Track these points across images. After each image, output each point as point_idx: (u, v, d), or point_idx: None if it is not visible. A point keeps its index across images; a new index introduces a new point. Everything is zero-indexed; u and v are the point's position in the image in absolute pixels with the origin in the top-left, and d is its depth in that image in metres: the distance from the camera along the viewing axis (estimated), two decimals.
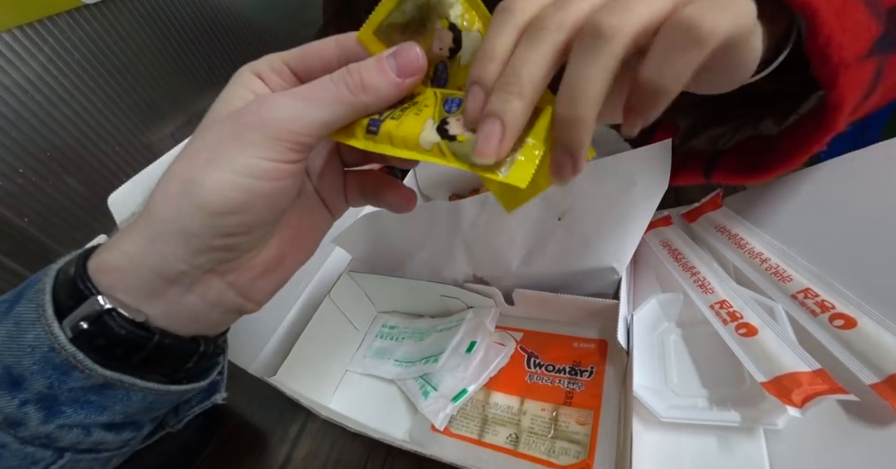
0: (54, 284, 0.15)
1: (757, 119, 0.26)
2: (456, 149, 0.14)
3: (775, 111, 0.25)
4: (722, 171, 0.28)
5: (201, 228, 0.15)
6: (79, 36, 0.45)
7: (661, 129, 0.31)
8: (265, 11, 0.68)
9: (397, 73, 0.16)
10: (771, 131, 0.25)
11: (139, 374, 0.16)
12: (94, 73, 0.46)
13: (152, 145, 0.52)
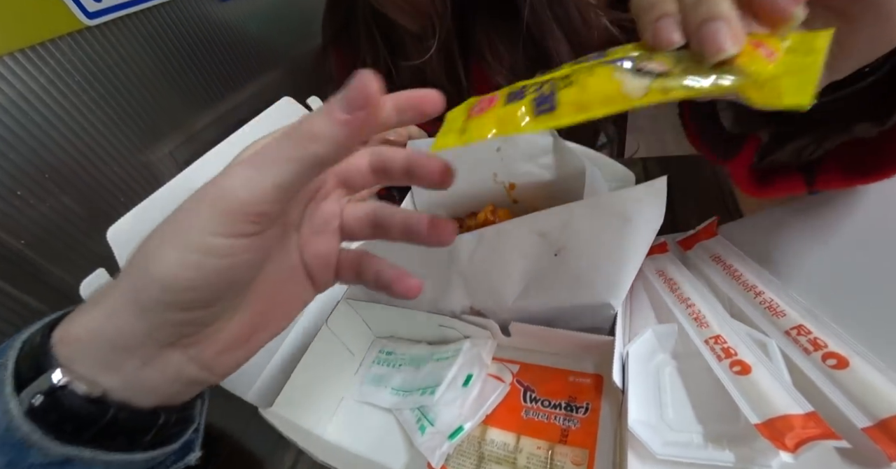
0: (19, 355, 0.15)
1: (844, 127, 0.24)
2: (677, 79, 0.14)
3: (870, 114, 0.23)
4: (826, 178, 0.26)
5: (156, 303, 0.14)
6: (79, 57, 0.45)
7: (747, 144, 0.29)
8: (265, 27, 0.68)
9: (345, 110, 0.14)
10: (870, 133, 0.23)
11: (100, 446, 0.15)
12: (94, 94, 0.46)
13: (151, 165, 0.52)
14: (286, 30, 0.73)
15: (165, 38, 0.54)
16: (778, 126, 0.26)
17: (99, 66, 0.47)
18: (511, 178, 0.41)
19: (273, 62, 0.70)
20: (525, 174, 0.40)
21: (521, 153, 0.39)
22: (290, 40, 0.73)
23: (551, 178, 0.39)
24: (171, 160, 0.54)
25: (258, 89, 0.67)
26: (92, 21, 0.46)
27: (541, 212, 0.27)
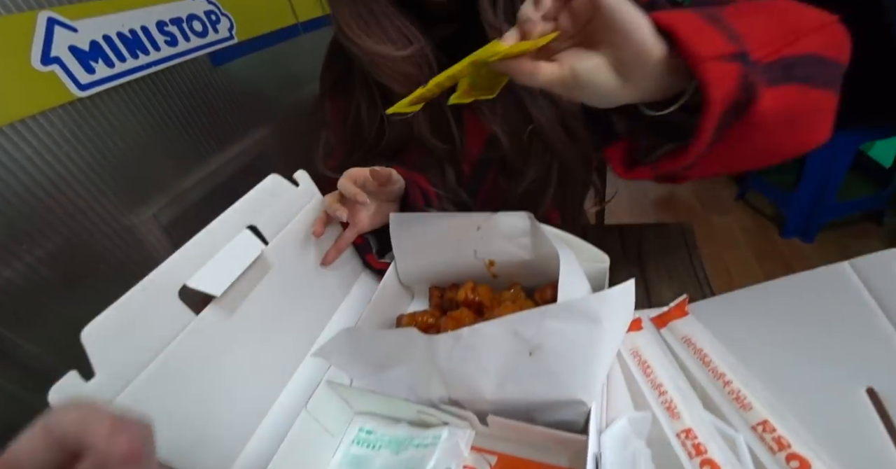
0: None
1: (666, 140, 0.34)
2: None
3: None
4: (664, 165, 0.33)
5: None
6: (69, 128, 0.46)
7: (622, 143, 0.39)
8: (255, 86, 0.71)
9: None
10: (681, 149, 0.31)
11: None
12: (81, 162, 0.47)
13: (133, 228, 0.52)
14: (275, 87, 0.75)
15: (156, 103, 0.55)
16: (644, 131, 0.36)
17: (87, 134, 0.47)
18: (490, 256, 0.42)
19: (260, 119, 0.72)
20: (504, 253, 0.41)
21: (500, 233, 0.40)
22: (277, 97, 0.76)
23: (529, 257, 0.41)
24: (155, 222, 0.54)
25: (245, 146, 0.68)
26: (83, 92, 0.47)
27: (516, 314, 0.28)
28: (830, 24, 0.32)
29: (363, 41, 0.43)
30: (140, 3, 0.52)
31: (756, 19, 0.31)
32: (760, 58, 0.28)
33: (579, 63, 0.28)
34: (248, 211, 0.39)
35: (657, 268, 0.48)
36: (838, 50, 0.33)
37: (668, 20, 0.27)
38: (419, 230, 0.43)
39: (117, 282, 0.52)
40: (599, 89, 0.28)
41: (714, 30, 0.27)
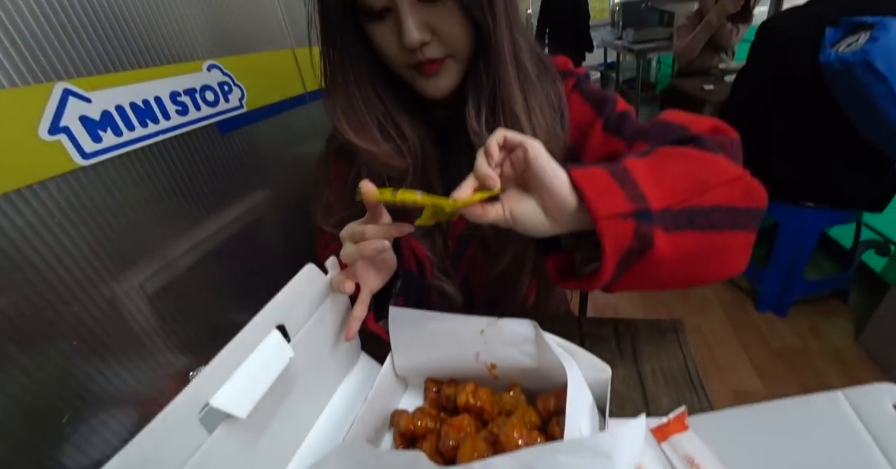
0: None
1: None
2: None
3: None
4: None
5: None
6: (65, 197, 0.44)
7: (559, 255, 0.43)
8: (258, 153, 0.71)
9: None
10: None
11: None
12: (73, 231, 0.45)
13: (117, 299, 0.49)
14: (277, 152, 0.76)
15: (158, 171, 0.54)
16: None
17: (83, 203, 0.46)
18: (493, 360, 0.41)
19: (259, 184, 0.72)
20: (507, 358, 0.41)
21: (504, 339, 0.40)
22: (279, 162, 0.76)
23: (532, 364, 0.40)
24: (140, 293, 0.51)
25: (241, 211, 0.67)
26: (86, 161, 0.46)
27: (529, 449, 0.27)
28: (740, 177, 0.37)
29: (350, 136, 0.47)
30: (158, 74, 0.53)
31: (668, 172, 0.36)
32: (666, 206, 0.34)
33: (516, 207, 0.36)
34: (283, 308, 0.38)
35: (653, 370, 0.48)
36: (750, 198, 0.37)
37: (580, 179, 0.34)
38: (420, 327, 0.43)
39: (93, 355, 0.49)
40: (532, 227, 0.36)
41: (618, 189, 0.34)
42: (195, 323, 0.59)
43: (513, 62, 0.44)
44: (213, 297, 0.63)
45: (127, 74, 0.50)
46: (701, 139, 0.40)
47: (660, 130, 0.45)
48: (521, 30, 0.46)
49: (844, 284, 1.50)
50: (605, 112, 0.50)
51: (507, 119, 0.46)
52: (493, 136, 0.35)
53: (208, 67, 0.61)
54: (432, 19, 0.41)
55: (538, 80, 0.48)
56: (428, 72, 0.45)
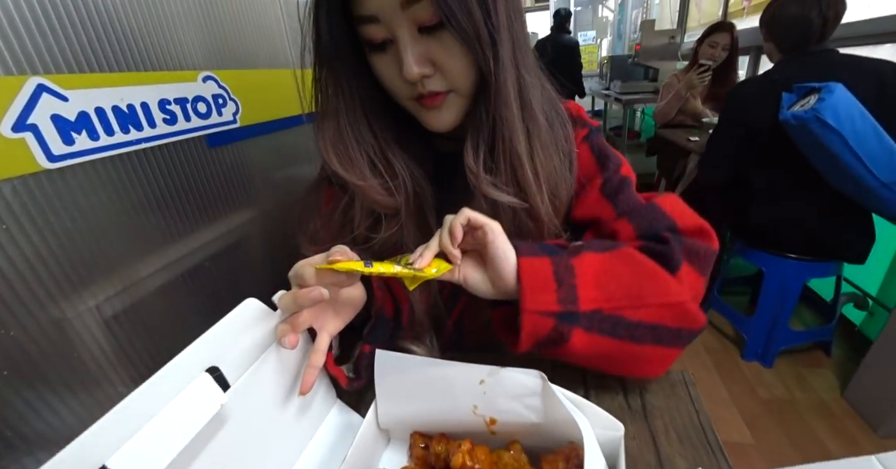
0: None
1: None
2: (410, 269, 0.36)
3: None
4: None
5: None
6: (20, 202, 0.39)
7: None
8: (243, 171, 0.67)
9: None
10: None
11: None
12: (23, 242, 0.40)
13: (63, 323, 0.43)
14: (266, 171, 0.72)
15: (135, 181, 0.50)
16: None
17: (41, 210, 0.41)
18: (493, 414, 0.37)
19: (243, 203, 0.68)
20: (508, 412, 0.36)
21: (507, 390, 0.36)
22: (266, 182, 0.72)
23: (537, 420, 0.35)
24: (94, 316, 0.45)
25: (221, 231, 0.63)
26: (52, 164, 0.41)
27: None
28: (678, 304, 0.40)
29: (338, 168, 0.45)
30: (148, 80, 0.50)
31: (614, 278, 0.39)
32: (597, 308, 0.38)
33: (468, 274, 0.40)
34: (215, 347, 0.33)
35: (665, 427, 0.44)
36: (683, 321, 0.40)
37: (523, 269, 0.38)
38: (409, 373, 0.38)
39: (27, 388, 0.42)
40: (479, 291, 0.41)
41: (553, 289, 0.38)
42: (157, 353, 0.53)
43: (517, 101, 0.43)
44: (182, 324, 0.56)
45: (113, 76, 0.46)
46: (678, 240, 0.43)
47: (649, 215, 0.47)
48: (530, 69, 0.44)
49: (827, 336, 1.50)
50: (607, 172, 0.50)
51: (506, 159, 0.44)
52: (457, 216, 0.38)
53: (203, 78, 0.58)
54: (434, 52, 0.40)
55: (547, 122, 0.47)
56: (429, 105, 0.43)
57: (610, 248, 0.42)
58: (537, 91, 0.45)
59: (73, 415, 0.44)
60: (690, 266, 0.43)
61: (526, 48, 0.43)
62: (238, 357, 0.35)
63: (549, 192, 0.47)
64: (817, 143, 1.13)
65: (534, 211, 0.46)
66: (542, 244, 0.42)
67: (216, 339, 0.33)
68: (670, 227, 0.45)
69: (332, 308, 0.42)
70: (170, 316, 0.55)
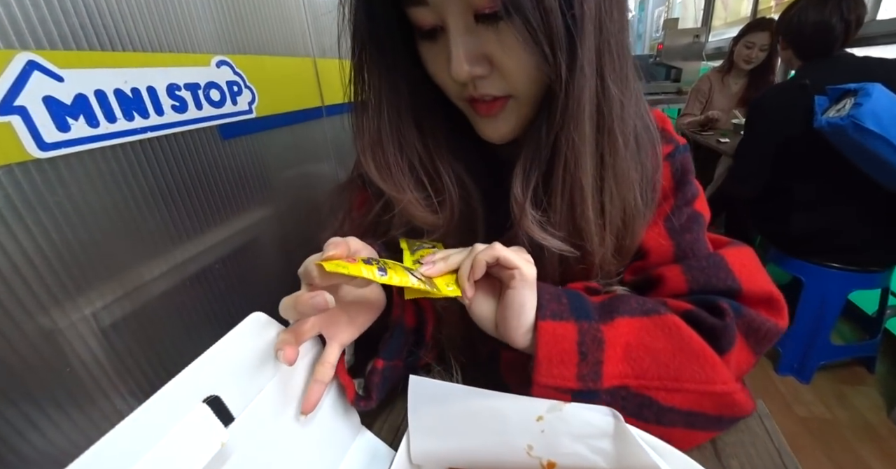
0: None
1: None
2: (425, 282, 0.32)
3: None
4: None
5: None
6: (4, 195, 0.34)
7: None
8: (265, 163, 0.62)
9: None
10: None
11: None
12: (8, 243, 0.35)
13: (54, 335, 0.38)
14: (283, 167, 0.67)
15: (139, 175, 0.45)
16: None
17: (30, 206, 0.36)
18: (551, 456, 0.30)
19: (258, 201, 0.62)
20: (572, 455, 0.30)
21: (570, 430, 0.29)
22: (284, 178, 0.67)
23: (607, 466, 0.29)
24: (89, 326, 0.40)
25: (234, 231, 0.57)
26: (44, 153, 0.36)
27: None
28: (724, 394, 0.33)
29: (374, 175, 0.39)
30: (156, 62, 0.45)
31: (649, 353, 0.33)
32: (623, 384, 0.32)
33: (477, 306, 0.35)
34: (214, 372, 0.27)
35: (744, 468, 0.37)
36: (726, 410, 0.34)
37: (543, 336, 0.32)
38: (451, 405, 0.32)
39: (8, 405, 0.36)
40: (482, 326, 0.35)
41: (574, 364, 0.32)
42: (160, 366, 0.47)
43: (593, 120, 0.33)
44: (188, 333, 0.51)
45: (116, 55, 0.41)
46: (738, 312, 0.35)
47: (711, 270, 0.38)
48: (623, 77, 0.34)
49: (871, 352, 1.41)
50: (679, 201, 0.42)
51: (564, 193, 0.35)
52: (485, 250, 0.32)
53: (217, 63, 0.53)
54: (491, 47, 0.32)
55: (635, 145, 0.37)
56: (484, 113, 0.36)
57: (650, 313, 0.34)
58: (629, 107, 0.35)
59: (64, 436, 0.39)
60: (745, 344, 0.35)
61: (620, 49, 0.33)
62: (243, 382, 0.29)
63: (615, 234, 0.38)
64: (860, 149, 1.03)
65: (587, 257, 0.38)
66: (569, 294, 0.35)
67: (216, 362, 0.27)
68: (732, 290, 0.37)
69: (346, 313, 0.36)
70: (175, 325, 0.49)
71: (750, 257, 0.39)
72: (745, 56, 1.93)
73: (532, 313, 0.33)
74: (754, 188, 1.35)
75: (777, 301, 0.37)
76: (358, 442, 0.39)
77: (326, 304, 0.28)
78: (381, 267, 0.30)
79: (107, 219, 0.42)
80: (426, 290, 0.31)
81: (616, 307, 0.34)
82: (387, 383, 0.40)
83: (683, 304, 0.37)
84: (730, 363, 0.34)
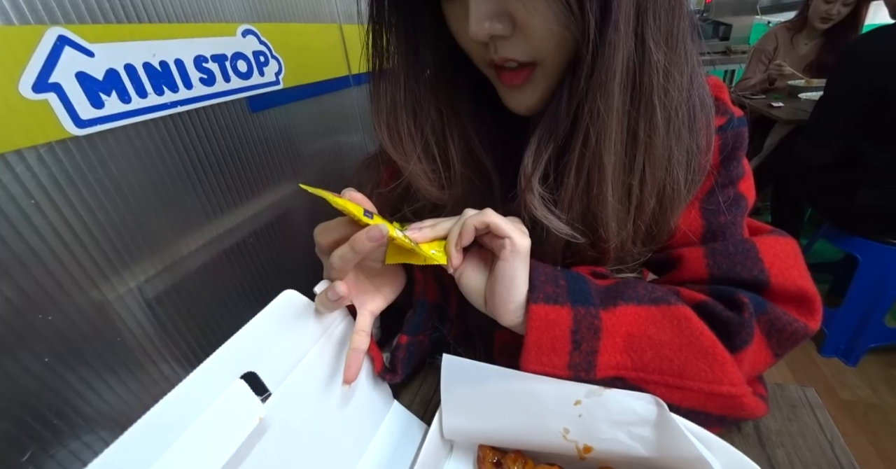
0: None
1: None
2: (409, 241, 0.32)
3: None
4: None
5: None
6: (48, 174, 0.35)
7: None
8: (287, 140, 0.61)
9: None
10: None
11: None
12: (56, 220, 0.36)
13: (104, 307, 0.39)
14: (313, 138, 0.66)
15: (172, 149, 0.45)
16: None
17: (72, 181, 0.37)
18: (588, 441, 0.30)
19: (289, 173, 0.62)
20: (610, 440, 0.29)
21: (610, 416, 0.29)
22: (314, 149, 0.67)
23: (646, 454, 0.28)
24: (135, 298, 0.42)
25: (266, 204, 0.58)
26: (81, 130, 0.37)
27: None
28: (734, 396, 0.30)
29: (385, 139, 0.38)
30: (182, 33, 0.44)
31: (652, 345, 0.30)
32: (619, 376, 0.30)
33: (466, 278, 0.34)
34: (249, 350, 0.28)
35: (789, 460, 0.36)
36: (732, 411, 0.32)
37: (532, 319, 0.30)
38: (485, 386, 0.32)
39: (69, 373, 0.39)
40: (471, 299, 0.34)
41: (566, 352, 0.30)
42: (201, 335, 0.50)
43: (625, 89, 0.29)
44: (225, 304, 0.53)
45: (143, 27, 0.40)
46: (762, 308, 0.32)
47: (738, 256, 0.34)
48: (670, 40, 0.29)
49: None
50: (721, 177, 0.37)
51: (579, 172, 0.32)
52: (475, 216, 0.30)
53: (243, 32, 0.51)
54: (514, 3, 0.28)
55: (687, 120, 0.33)
56: (508, 82, 0.33)
57: (659, 302, 0.31)
58: (678, 77, 0.31)
59: (120, 399, 0.42)
60: (765, 343, 0.33)
61: (670, 5, 0.28)
62: (277, 359, 0.30)
63: (645, 220, 0.35)
64: None
65: (599, 244, 0.35)
66: (569, 276, 0.32)
67: (252, 339, 0.28)
68: (759, 282, 0.33)
69: (372, 283, 0.37)
70: (213, 295, 0.51)
71: (789, 248, 0.35)
72: (822, 12, 1.64)
73: (523, 289, 0.31)
74: (832, 156, 1.18)
75: (811, 300, 0.34)
76: (391, 415, 0.40)
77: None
78: (368, 213, 0.30)
79: (144, 195, 0.43)
80: (409, 250, 0.30)
81: (621, 293, 0.32)
82: (412, 358, 0.40)
83: (698, 294, 0.33)
84: (743, 363, 0.31)
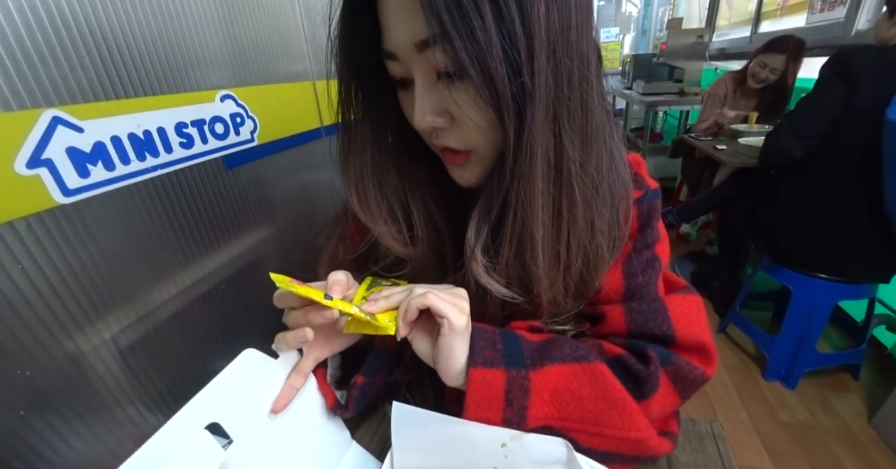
0: None
1: None
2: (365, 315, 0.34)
3: None
4: None
5: None
6: (35, 240, 0.38)
7: None
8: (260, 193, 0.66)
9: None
10: None
11: None
12: (40, 281, 0.39)
13: (79, 359, 0.42)
14: (285, 189, 0.71)
15: (150, 209, 0.49)
16: None
17: (56, 245, 0.40)
18: None
19: (260, 222, 0.66)
20: None
21: (530, 457, 0.34)
22: (285, 199, 0.71)
23: None
24: (108, 349, 0.44)
25: (238, 251, 0.62)
26: (67, 198, 0.40)
27: None
28: (640, 440, 0.36)
29: (356, 208, 0.42)
30: (166, 104, 0.49)
31: (574, 398, 0.36)
32: (547, 425, 0.35)
33: (416, 343, 0.37)
34: (214, 403, 0.32)
35: None
36: (641, 451, 0.37)
37: (472, 381, 0.34)
38: (428, 430, 0.36)
39: (43, 426, 0.41)
40: (424, 360, 0.37)
41: (500, 410, 0.35)
42: (171, 378, 0.52)
43: (547, 176, 0.33)
44: (199, 346, 0.56)
45: (130, 102, 0.45)
46: (667, 360, 0.39)
47: (651, 313, 0.41)
48: (582, 137, 0.34)
49: (856, 359, 1.44)
50: (638, 243, 0.43)
51: (511, 244, 0.36)
52: (418, 298, 0.34)
53: (222, 98, 0.57)
54: (451, 103, 0.33)
55: (607, 195, 0.38)
56: (450, 162, 0.39)
57: (581, 360, 0.37)
58: (593, 164, 0.35)
59: (88, 446, 0.44)
60: (672, 388, 0.39)
61: (583, 109, 0.33)
62: (239, 410, 0.34)
63: (574, 279, 0.40)
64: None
65: (535, 299, 0.40)
66: (506, 338, 0.37)
67: (215, 395, 0.32)
68: (666, 336, 0.40)
69: (324, 336, 0.41)
70: (185, 341, 0.54)
71: (694, 306, 0.42)
72: (755, 73, 1.91)
73: (461, 359, 0.35)
74: (806, 146, 1.25)
75: (708, 351, 0.40)
76: (349, 455, 0.44)
77: (306, 338, 0.35)
78: (328, 295, 0.34)
79: (122, 251, 0.46)
80: (365, 323, 0.34)
81: (549, 353, 0.37)
82: (365, 397, 0.44)
83: (617, 348, 0.40)
84: (652, 407, 0.37)
